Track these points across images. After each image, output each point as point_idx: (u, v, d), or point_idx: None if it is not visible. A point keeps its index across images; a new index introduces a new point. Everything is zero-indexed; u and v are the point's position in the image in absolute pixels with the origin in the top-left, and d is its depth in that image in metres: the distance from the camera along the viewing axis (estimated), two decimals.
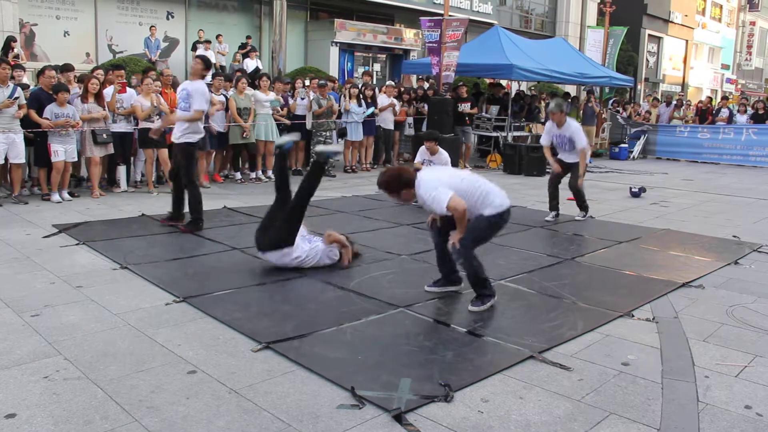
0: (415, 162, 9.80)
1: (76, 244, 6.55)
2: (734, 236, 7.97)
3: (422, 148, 9.54)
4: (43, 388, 3.44)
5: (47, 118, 8.51)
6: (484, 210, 4.92)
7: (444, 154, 9.39)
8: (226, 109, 10.80)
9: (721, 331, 4.66)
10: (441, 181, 4.79)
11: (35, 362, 3.76)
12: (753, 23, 52.89)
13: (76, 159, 9.02)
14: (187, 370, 3.72)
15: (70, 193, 8.99)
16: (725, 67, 50.03)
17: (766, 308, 5.20)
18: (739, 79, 52.75)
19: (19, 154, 8.47)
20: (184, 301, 4.90)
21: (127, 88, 9.84)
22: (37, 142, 8.71)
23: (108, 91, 9.55)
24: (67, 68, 9.86)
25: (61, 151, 8.60)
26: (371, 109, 13.08)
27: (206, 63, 7.69)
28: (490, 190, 5.01)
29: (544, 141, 8.98)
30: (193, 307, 4.80)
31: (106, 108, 9.30)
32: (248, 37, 19.26)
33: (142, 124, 9.52)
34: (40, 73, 9.23)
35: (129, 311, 4.67)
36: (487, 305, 4.99)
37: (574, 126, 8.70)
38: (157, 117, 9.61)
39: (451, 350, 4.12)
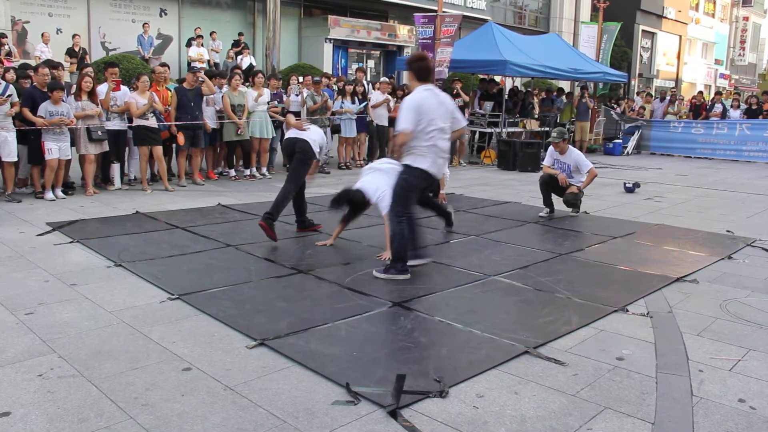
0: None
1: (70, 242, 6.53)
2: (728, 231, 7.99)
3: None
4: (38, 386, 3.44)
5: (42, 116, 8.48)
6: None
7: None
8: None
9: (715, 325, 4.68)
10: None
11: (29, 360, 3.75)
12: (746, 18, 53.09)
13: (69, 157, 8.98)
14: (182, 368, 3.72)
15: (63, 191, 8.97)
16: (719, 62, 50.18)
17: (759, 302, 5.23)
18: (733, 74, 52.93)
19: (11, 152, 8.44)
20: (178, 299, 4.90)
21: (122, 86, 9.82)
22: (31, 140, 8.68)
23: (102, 89, 9.52)
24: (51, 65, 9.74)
25: (55, 148, 8.57)
26: (363, 105, 13.06)
27: None
28: None
29: (546, 162, 8.97)
30: (188, 304, 4.80)
31: (100, 105, 9.27)
32: (240, 34, 19.24)
33: (137, 122, 9.50)
34: (34, 70, 9.20)
35: (123, 309, 4.66)
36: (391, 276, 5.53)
37: (575, 153, 8.74)
38: (152, 115, 9.59)
39: (446, 346, 4.13)
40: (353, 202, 6.48)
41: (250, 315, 4.59)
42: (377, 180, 6.35)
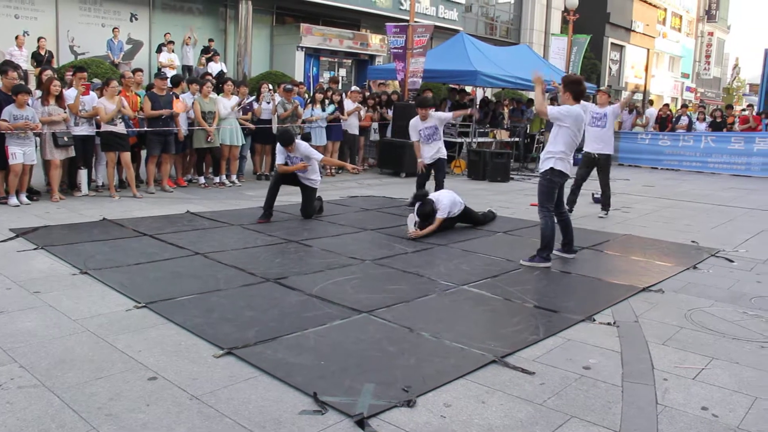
0: (413, 140, 9.89)
1: (35, 249, 6.42)
2: (693, 241, 8.11)
3: (415, 120, 9.64)
4: None
5: (5, 120, 8.33)
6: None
7: (438, 114, 9.82)
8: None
9: (679, 334, 4.74)
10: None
11: None
12: (711, 34, 54.25)
13: (34, 162, 8.82)
14: (148, 377, 3.67)
15: (28, 197, 8.81)
16: (685, 75, 51.10)
17: (722, 312, 5.31)
18: (699, 87, 53.94)
19: None
20: (145, 307, 4.84)
21: (90, 91, 9.69)
22: None
23: (71, 93, 9.39)
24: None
25: (19, 153, 8.42)
26: (331, 107, 13.05)
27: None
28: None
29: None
30: (155, 312, 4.74)
31: (68, 110, 9.14)
32: (210, 41, 19.13)
33: (105, 127, 9.38)
34: (2, 73, 9.03)
35: (88, 317, 4.59)
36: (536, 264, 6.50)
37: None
38: (120, 120, 9.48)
39: (414, 355, 4.13)
40: (423, 213, 7.83)
41: (218, 324, 4.55)
42: (447, 197, 8.17)
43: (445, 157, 9.88)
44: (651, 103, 22.52)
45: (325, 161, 9.22)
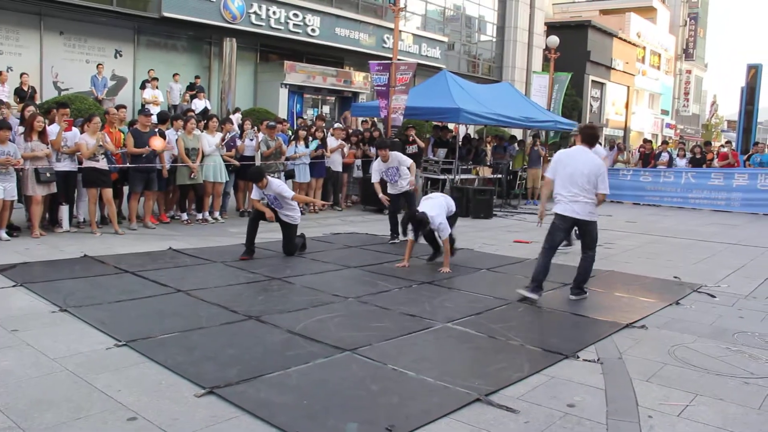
0: (373, 182, 9.98)
1: (13, 286, 6.33)
2: (675, 277, 8.16)
3: (377, 162, 9.93)
4: None
5: None
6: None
7: (397, 155, 9.91)
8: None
9: (663, 371, 4.74)
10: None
11: None
12: (689, 71, 55.37)
13: (15, 198, 8.75)
14: (127, 417, 3.61)
15: (8, 233, 8.72)
16: (664, 112, 51.97)
17: (705, 348, 5.32)
18: (678, 124, 54.83)
19: None
20: (125, 345, 4.77)
21: (73, 127, 9.67)
22: None
23: (53, 129, 9.36)
24: None
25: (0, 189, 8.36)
26: (315, 143, 13.11)
27: None
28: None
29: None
30: (135, 351, 4.67)
31: (50, 146, 9.10)
32: (197, 77, 19.23)
33: (87, 163, 9.34)
34: None
35: (67, 356, 4.52)
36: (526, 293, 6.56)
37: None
38: (103, 156, 9.44)
39: (398, 393, 4.09)
40: (417, 221, 7.76)
41: (200, 362, 4.50)
42: (435, 208, 7.86)
43: (413, 188, 10.16)
44: (646, 141, 22.82)
45: (296, 198, 8.99)
